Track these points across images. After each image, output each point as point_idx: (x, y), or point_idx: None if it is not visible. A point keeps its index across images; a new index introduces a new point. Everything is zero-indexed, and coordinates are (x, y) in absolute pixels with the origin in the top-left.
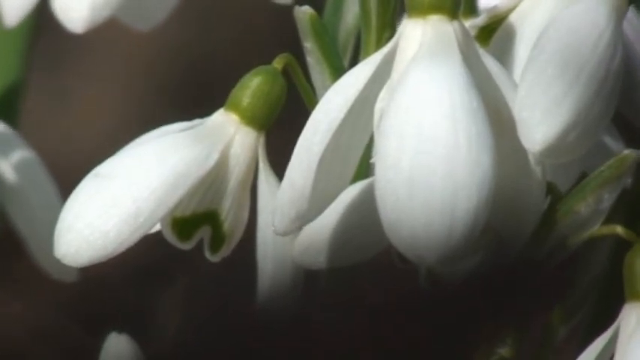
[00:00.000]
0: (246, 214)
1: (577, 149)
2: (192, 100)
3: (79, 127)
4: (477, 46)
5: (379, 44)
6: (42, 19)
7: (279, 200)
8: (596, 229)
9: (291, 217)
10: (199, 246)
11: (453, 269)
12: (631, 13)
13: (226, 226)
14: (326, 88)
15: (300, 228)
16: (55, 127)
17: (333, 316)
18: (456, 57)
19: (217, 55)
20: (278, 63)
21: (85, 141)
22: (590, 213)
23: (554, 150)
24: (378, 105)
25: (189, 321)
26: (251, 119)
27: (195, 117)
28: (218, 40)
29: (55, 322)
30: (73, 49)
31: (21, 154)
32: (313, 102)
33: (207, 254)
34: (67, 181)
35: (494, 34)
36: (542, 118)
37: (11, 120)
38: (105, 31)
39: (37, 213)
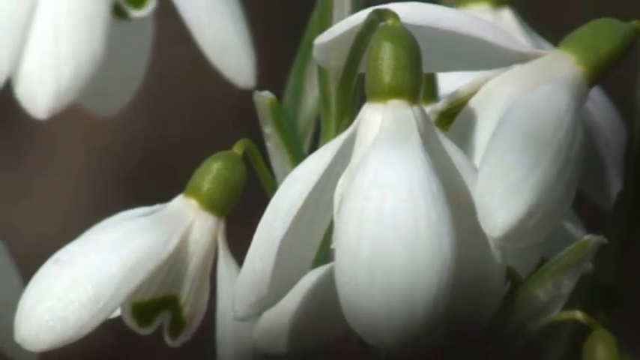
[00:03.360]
0: (205, 299)
1: (537, 234)
2: (150, 186)
3: (38, 212)
4: (437, 130)
5: (339, 129)
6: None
7: (239, 285)
8: (556, 314)
9: (251, 302)
10: (159, 331)
11: (412, 351)
12: (595, 92)
13: (186, 311)
14: (286, 174)
15: (260, 313)
16: (14, 213)
17: None
18: (416, 141)
19: (175, 141)
20: (238, 148)
21: (45, 226)
22: (549, 298)
23: (514, 235)
24: (338, 190)
25: None
26: (211, 205)
27: (154, 203)
28: (176, 126)
29: None
30: (31, 137)
31: None
32: (273, 187)
33: (167, 339)
34: (26, 267)
35: (455, 119)
36: (502, 203)
37: None
38: (63, 118)
39: None
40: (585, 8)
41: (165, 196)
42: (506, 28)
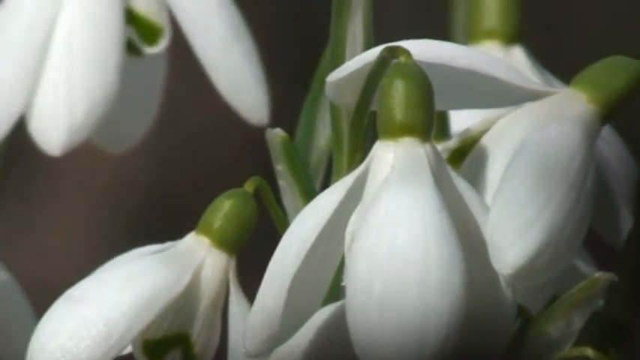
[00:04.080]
0: (217, 336)
1: (548, 272)
2: (159, 224)
3: (45, 250)
4: (449, 168)
5: (351, 167)
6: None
7: (250, 322)
8: (567, 351)
9: (263, 338)
10: None
11: None
12: (606, 130)
13: (197, 348)
14: (297, 211)
15: (271, 350)
16: (21, 250)
17: None
18: (428, 179)
19: (185, 179)
20: (249, 186)
21: (52, 264)
22: (560, 335)
23: (525, 273)
24: (350, 228)
25: None
26: (222, 242)
27: (163, 241)
28: (186, 163)
29: None
30: (38, 174)
31: None
32: (285, 225)
33: None
34: (34, 304)
35: (466, 156)
36: (513, 241)
37: None
38: (69, 156)
39: (12, 333)
40: (596, 45)
41: (175, 234)
42: (517, 65)
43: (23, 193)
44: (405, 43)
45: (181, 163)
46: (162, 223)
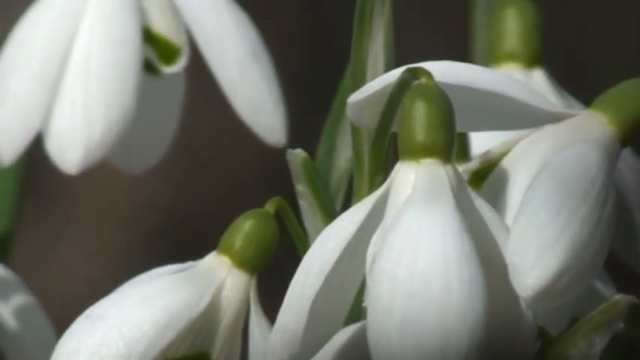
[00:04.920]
0: (237, 357)
1: (569, 293)
2: (181, 244)
3: (64, 272)
4: (470, 189)
5: (372, 188)
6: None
7: (271, 343)
8: None
9: (283, 359)
10: None
11: None
12: (626, 152)
13: None
14: (318, 232)
15: None
16: (40, 273)
17: None
18: (449, 201)
19: (205, 200)
20: (270, 206)
21: (71, 286)
22: (581, 357)
23: (545, 294)
24: (371, 249)
25: None
26: (243, 262)
27: (183, 261)
28: (206, 185)
29: None
30: (56, 196)
31: (20, 297)
32: (305, 245)
33: None
34: (58, 323)
35: (487, 178)
36: (534, 262)
37: (3, 261)
38: (88, 178)
39: (33, 352)
40: (616, 67)
41: (195, 254)
42: (537, 87)
43: (42, 215)
44: (426, 65)
45: (201, 184)
46: (183, 243)
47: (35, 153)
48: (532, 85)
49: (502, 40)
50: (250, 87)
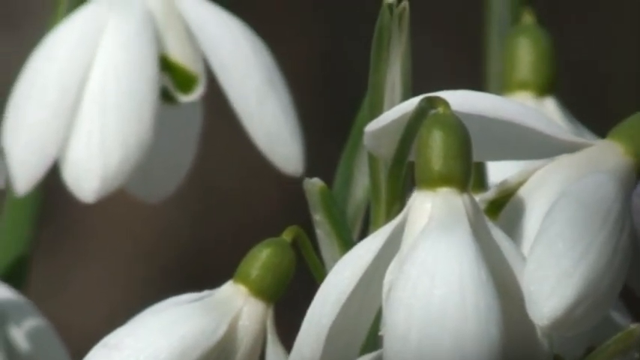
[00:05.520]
0: None
1: (585, 323)
2: (197, 274)
3: (79, 304)
4: (487, 219)
5: (388, 217)
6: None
7: None
8: None
9: None
10: None
11: None
12: None
13: None
14: (335, 261)
15: None
16: (55, 304)
17: None
18: (466, 230)
19: (222, 230)
20: (287, 235)
21: (86, 317)
22: None
23: (562, 323)
24: (387, 278)
25: None
26: (260, 291)
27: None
28: (222, 214)
29: None
30: (71, 228)
31: (35, 322)
32: (322, 274)
33: None
34: (75, 353)
35: (504, 207)
36: (550, 291)
37: (19, 289)
38: (103, 209)
39: None
40: (629, 97)
41: (213, 284)
42: (550, 116)
43: (59, 245)
44: (443, 94)
45: (218, 214)
46: (200, 274)
47: (52, 182)
48: (545, 113)
49: (514, 69)
50: (268, 116)
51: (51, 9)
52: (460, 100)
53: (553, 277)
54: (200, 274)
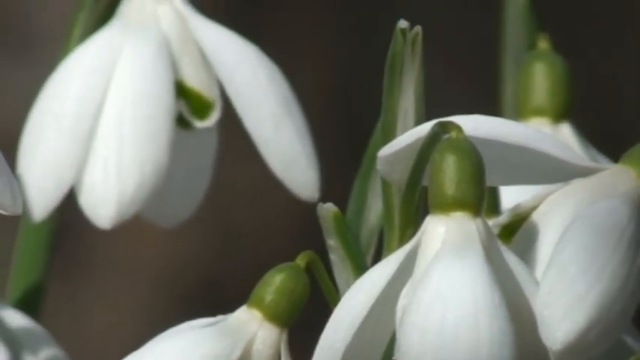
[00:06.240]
0: None
1: (597, 347)
2: (212, 301)
3: (96, 339)
4: (500, 243)
5: (402, 242)
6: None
7: None
8: None
9: None
10: None
11: None
12: None
13: None
14: (349, 286)
15: None
16: (73, 340)
17: None
18: (479, 254)
19: (236, 255)
20: (301, 260)
21: (108, 344)
22: None
23: (575, 348)
24: (401, 302)
25: None
26: (274, 316)
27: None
28: (237, 239)
29: None
30: (90, 264)
31: (50, 351)
32: (336, 299)
33: None
34: None
35: (517, 232)
36: (563, 316)
37: (33, 316)
38: (123, 242)
39: None
40: None
41: (225, 310)
42: (565, 141)
43: (73, 274)
44: (456, 119)
45: (231, 238)
46: (215, 301)
47: (69, 211)
48: (560, 138)
49: (530, 95)
50: (284, 142)
51: (65, 34)
52: (473, 124)
53: (566, 301)
54: (217, 302)
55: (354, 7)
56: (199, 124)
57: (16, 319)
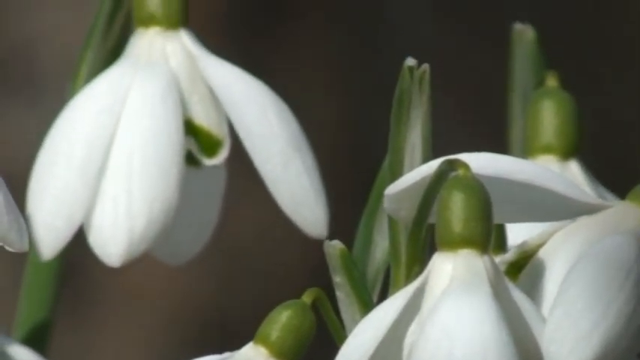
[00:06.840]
0: None
1: None
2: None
3: None
4: (507, 280)
5: (409, 279)
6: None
7: None
8: None
9: None
10: None
11: None
12: None
13: None
14: (355, 323)
15: None
16: None
17: None
18: (487, 291)
19: (243, 295)
20: (307, 297)
21: None
22: None
23: None
24: (409, 339)
25: None
26: (280, 353)
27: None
28: (244, 279)
29: None
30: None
31: None
32: (342, 336)
33: None
34: None
35: (524, 269)
36: (569, 352)
37: (41, 352)
38: (130, 279)
39: None
40: None
41: (230, 347)
42: (573, 179)
43: (81, 313)
44: (463, 156)
45: (238, 276)
46: (220, 335)
47: (76, 248)
48: (567, 176)
49: (538, 133)
50: (293, 180)
51: (72, 73)
52: (480, 162)
53: (572, 338)
54: (224, 338)
55: (362, 47)
56: (208, 161)
57: (23, 355)
